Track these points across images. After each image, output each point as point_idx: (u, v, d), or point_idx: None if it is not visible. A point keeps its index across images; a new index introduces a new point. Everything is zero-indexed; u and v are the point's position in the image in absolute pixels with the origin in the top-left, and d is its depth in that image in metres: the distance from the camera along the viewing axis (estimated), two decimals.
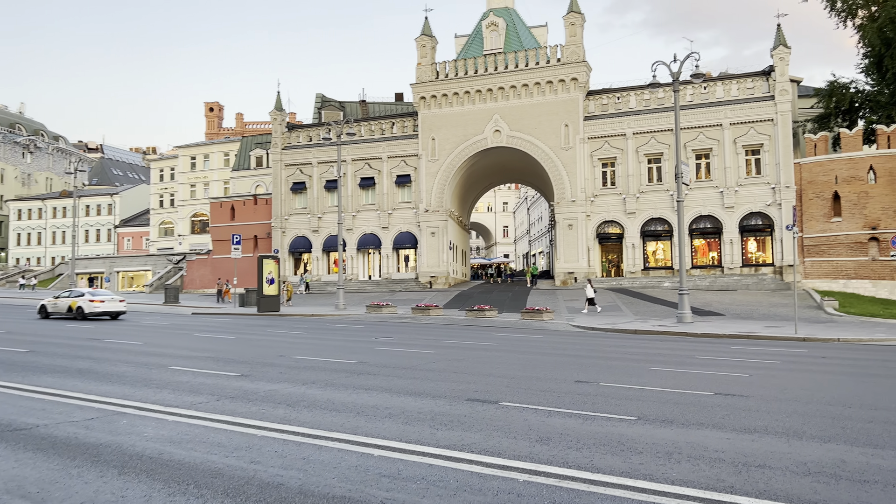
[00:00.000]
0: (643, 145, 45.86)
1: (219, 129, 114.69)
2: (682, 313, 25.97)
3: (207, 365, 13.89)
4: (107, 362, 14.05)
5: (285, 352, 16.63)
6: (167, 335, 21.29)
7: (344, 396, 10.19)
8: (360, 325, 26.09)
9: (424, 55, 50.84)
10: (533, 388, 11.25)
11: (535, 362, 15.05)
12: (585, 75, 47.15)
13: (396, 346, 18.60)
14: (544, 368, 13.90)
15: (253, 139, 67.09)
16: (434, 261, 50.22)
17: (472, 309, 29.79)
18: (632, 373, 13.38)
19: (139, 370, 12.91)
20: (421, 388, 11.02)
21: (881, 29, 38.77)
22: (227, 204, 57.63)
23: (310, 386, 11.19)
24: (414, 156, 51.43)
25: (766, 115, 43.23)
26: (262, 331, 23.66)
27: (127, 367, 13.26)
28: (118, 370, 12.89)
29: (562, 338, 21.71)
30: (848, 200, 40.48)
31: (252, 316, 32.21)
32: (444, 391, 10.77)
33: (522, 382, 11.84)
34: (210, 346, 18.12)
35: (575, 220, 46.72)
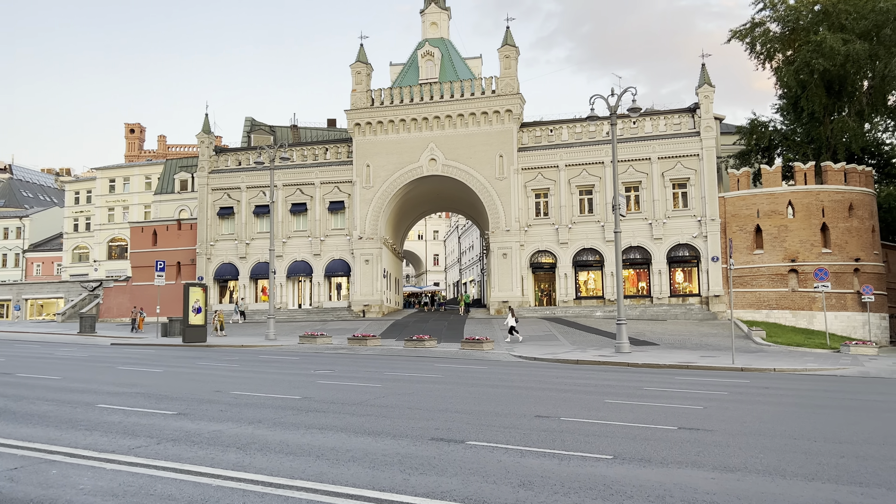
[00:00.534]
0: (575, 177, 46.67)
1: (139, 151, 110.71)
2: (620, 343, 26.14)
3: (139, 402, 12.81)
4: (24, 400, 12.77)
5: (221, 386, 15.62)
6: (88, 368, 19.78)
7: (298, 437, 9.46)
8: (296, 357, 25.07)
9: (360, 82, 50.47)
10: (495, 424, 10.80)
11: (488, 396, 14.61)
12: (520, 107, 47.81)
13: (338, 379, 17.82)
14: (500, 402, 13.48)
15: (178, 162, 64.82)
16: (368, 289, 49.36)
17: (411, 339, 29.19)
18: (588, 406, 13.12)
19: (63, 409, 11.74)
20: (378, 427, 10.39)
21: (797, 72, 40.93)
22: (148, 228, 55.20)
23: (257, 426, 10.38)
24: (348, 182, 50.71)
25: (692, 151, 44.78)
26: (191, 363, 22.36)
27: (49, 406, 12.06)
28: (39, 409, 11.69)
29: (506, 369, 21.38)
30: (769, 234, 42.20)
31: (177, 347, 30.57)
32: (403, 429, 10.18)
33: (482, 418, 11.37)
34: (137, 380, 16.88)
35: (509, 250, 46.92)
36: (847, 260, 41.10)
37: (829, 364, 23.48)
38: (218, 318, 37.19)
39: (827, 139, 43.35)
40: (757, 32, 45.00)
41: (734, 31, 46.02)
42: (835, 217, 41.30)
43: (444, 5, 54.53)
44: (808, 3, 41.88)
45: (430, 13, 53.81)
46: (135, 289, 54.70)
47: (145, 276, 54.31)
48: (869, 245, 41.96)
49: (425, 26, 54.08)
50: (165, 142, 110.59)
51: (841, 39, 39.34)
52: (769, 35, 43.94)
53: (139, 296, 54.21)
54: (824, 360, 24.89)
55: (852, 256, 41.18)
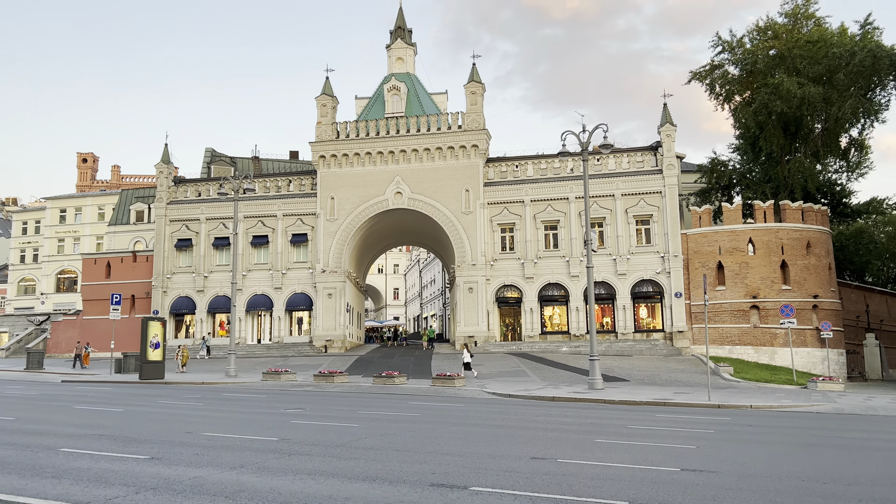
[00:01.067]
0: (540, 212, 46.86)
1: (92, 181, 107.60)
2: (593, 379, 25.89)
3: (105, 445, 11.92)
4: None
5: (190, 427, 14.74)
6: (42, 408, 18.58)
7: (288, 484, 8.80)
8: (261, 395, 24.09)
9: (325, 114, 50.13)
10: (492, 467, 10.29)
11: (474, 436, 14.07)
12: (485, 143, 48.02)
13: (312, 418, 17.05)
14: (489, 443, 12.96)
15: (134, 192, 63.15)
16: (330, 324, 48.36)
17: (380, 375, 28.44)
18: (580, 446, 12.70)
19: (23, 454, 10.81)
20: (371, 471, 9.78)
21: (756, 113, 42.09)
22: (102, 260, 53.33)
23: (241, 471, 9.67)
24: (311, 214, 49.98)
25: (654, 188, 45.45)
26: (153, 401, 21.25)
27: (6, 451, 11.09)
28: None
29: (484, 406, 20.86)
30: (731, 270, 42.85)
31: (134, 384, 29.19)
32: (398, 474, 9.59)
33: (477, 461, 10.85)
34: (98, 420, 15.85)
35: (475, 284, 46.64)
36: (806, 296, 41.92)
37: (801, 401, 23.58)
38: (182, 354, 35.77)
39: (784, 178, 44.54)
40: (716, 74, 46.32)
41: (694, 72, 47.30)
42: (794, 254, 42.21)
43: (410, 41, 54.87)
44: (765, 48, 43.34)
45: (396, 48, 54.05)
46: (85, 323, 52.58)
47: (97, 310, 52.32)
48: (826, 282, 42.94)
49: (391, 61, 54.25)
50: (119, 172, 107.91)
51: (797, 83, 40.67)
52: (728, 77, 45.26)
53: (90, 330, 52.09)
54: (796, 397, 25.02)
55: (811, 293, 42.03)
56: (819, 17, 45.37)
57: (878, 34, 43.62)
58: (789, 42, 42.42)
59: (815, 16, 45.63)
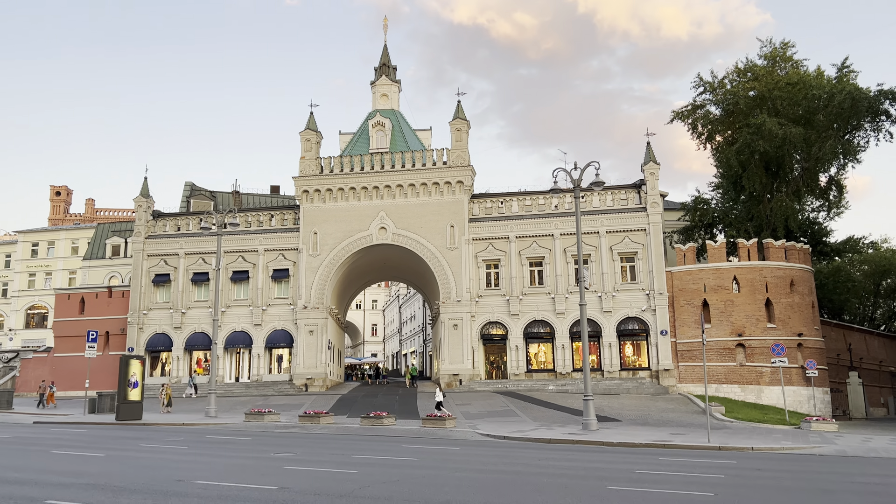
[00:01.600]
0: (525, 248, 46.65)
1: (65, 214, 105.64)
2: (587, 420, 25.33)
3: (94, 496, 11.13)
4: None
5: (180, 474, 13.93)
6: (17, 453, 17.56)
7: None
8: (247, 437, 23.17)
9: (309, 149, 49.77)
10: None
11: (481, 483, 13.47)
12: (471, 179, 47.93)
13: (306, 464, 16.30)
14: (500, 492, 12.38)
15: (110, 227, 61.90)
16: (311, 361, 47.31)
17: (368, 416, 27.61)
18: (597, 495, 12.17)
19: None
20: None
21: (738, 152, 42.58)
22: (76, 296, 51.86)
23: None
24: (293, 249, 49.23)
25: (639, 225, 45.54)
26: (134, 445, 20.27)
27: None
28: None
29: (482, 450, 20.21)
30: (716, 308, 42.85)
31: (111, 426, 28.00)
32: None
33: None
34: (80, 467, 14.95)
35: (460, 321, 46.06)
36: (791, 335, 41.98)
37: (801, 442, 23.26)
38: (166, 393, 34.54)
39: (766, 217, 44.97)
40: (698, 114, 46.94)
41: (676, 112, 47.92)
42: (778, 292, 42.38)
43: (395, 78, 55.06)
44: (745, 88, 44.09)
45: (381, 85, 54.15)
46: (56, 360, 50.87)
47: (69, 347, 50.71)
48: (810, 320, 43.12)
49: (376, 97, 54.29)
50: (94, 205, 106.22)
51: (778, 123, 41.31)
52: (709, 117, 45.88)
53: (61, 368, 50.42)
54: (794, 438, 24.70)
55: (796, 331, 42.13)
56: (797, 60, 46.42)
57: (853, 77, 44.66)
58: (769, 83, 43.21)
59: (792, 58, 46.66)
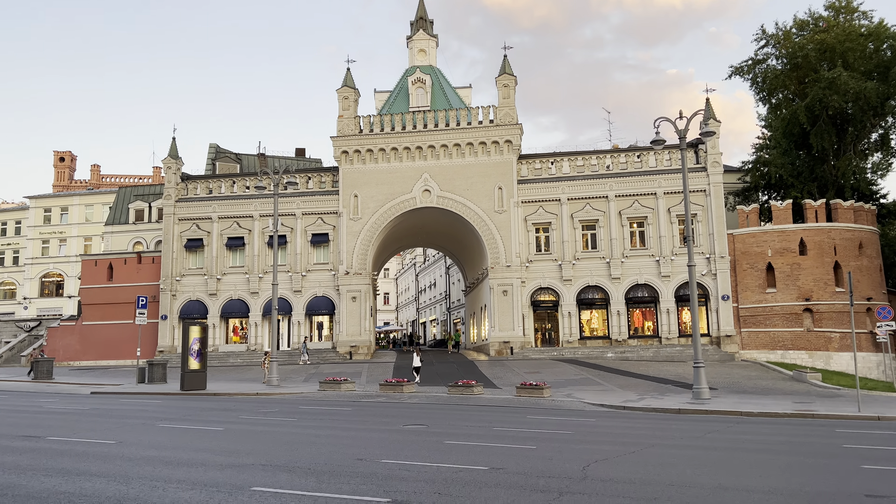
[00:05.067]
0: (578, 211, 44.67)
1: (70, 181, 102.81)
2: (700, 388, 23.60)
3: (290, 480, 9.24)
4: (119, 480, 8.92)
5: (351, 451, 12.05)
6: (124, 428, 15.62)
7: None
8: (346, 408, 21.32)
9: (347, 107, 47.34)
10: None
11: (699, 462, 11.68)
12: (519, 138, 45.70)
13: (455, 437, 14.48)
14: (730, 471, 10.58)
15: (132, 190, 59.40)
16: (355, 329, 45.50)
17: (457, 385, 25.84)
18: (856, 474, 10.39)
19: (206, 495, 8.07)
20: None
21: (808, 108, 40.45)
22: (103, 262, 49.63)
23: None
24: (332, 213, 47.08)
25: (698, 186, 43.56)
26: (235, 417, 18.39)
27: (190, 494, 8.33)
28: (168, 500, 7.97)
29: (620, 421, 18.47)
30: (781, 272, 41.15)
31: (180, 396, 26.11)
32: None
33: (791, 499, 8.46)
34: (219, 443, 13.05)
35: (510, 287, 44.21)
36: (859, 299, 40.26)
37: None
38: (267, 360, 32.60)
39: (833, 177, 43.05)
40: (759, 70, 44.68)
41: (736, 67, 45.65)
42: (846, 255, 40.69)
43: (432, 32, 52.41)
44: (814, 41, 41.78)
45: (419, 40, 51.50)
46: (85, 329, 48.84)
47: (98, 315, 48.71)
48: (878, 284, 41.55)
49: (412, 53, 51.69)
50: (99, 172, 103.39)
51: (852, 77, 39.18)
52: (773, 71, 43.62)
53: (90, 336, 48.46)
54: None
55: (864, 296, 40.49)
56: (863, 11, 44.06)
57: None
58: (840, 35, 40.93)
59: (857, 9, 44.30)
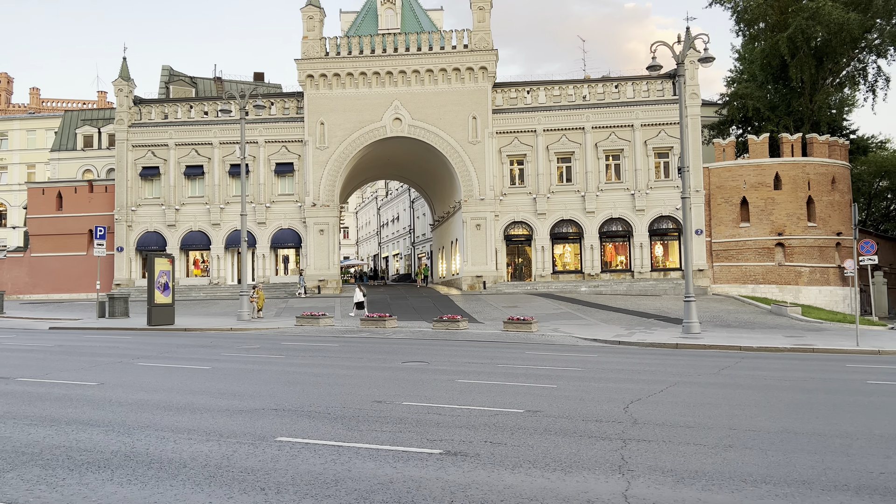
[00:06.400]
0: (554, 143, 43.51)
1: (8, 105, 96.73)
2: (690, 323, 23.20)
3: (311, 427, 8.15)
4: (117, 430, 7.71)
5: (362, 392, 11.01)
6: (100, 367, 14.22)
7: None
8: (333, 344, 20.22)
9: (312, 28, 44.59)
10: None
11: (737, 401, 11.02)
12: (494, 65, 43.89)
13: (465, 375, 13.56)
14: (782, 412, 9.93)
15: (79, 115, 55.70)
16: (323, 262, 44.12)
17: (441, 320, 24.93)
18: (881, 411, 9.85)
19: (227, 448, 6.93)
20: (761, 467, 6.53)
21: (790, 39, 39.59)
22: (51, 190, 46.69)
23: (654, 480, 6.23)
24: (298, 141, 44.93)
25: (675, 118, 42.74)
26: (216, 354, 17.15)
27: (197, 446, 7.16)
28: (180, 453, 6.81)
29: (621, 357, 17.85)
30: (756, 206, 41.04)
31: (149, 331, 24.59)
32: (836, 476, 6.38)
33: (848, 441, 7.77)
34: (212, 383, 11.84)
35: (483, 220, 43.21)
36: (830, 234, 40.74)
37: None
38: (258, 296, 30.89)
39: (810, 111, 42.68)
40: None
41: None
42: (819, 190, 40.74)
43: None
44: None
45: None
46: (34, 261, 46.27)
47: (47, 247, 46.15)
48: (848, 219, 41.78)
49: None
50: (39, 95, 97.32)
51: (837, 6, 38.32)
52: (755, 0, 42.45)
53: (40, 269, 45.98)
54: None
55: (834, 230, 40.89)
56: None
57: None
58: None
59: None
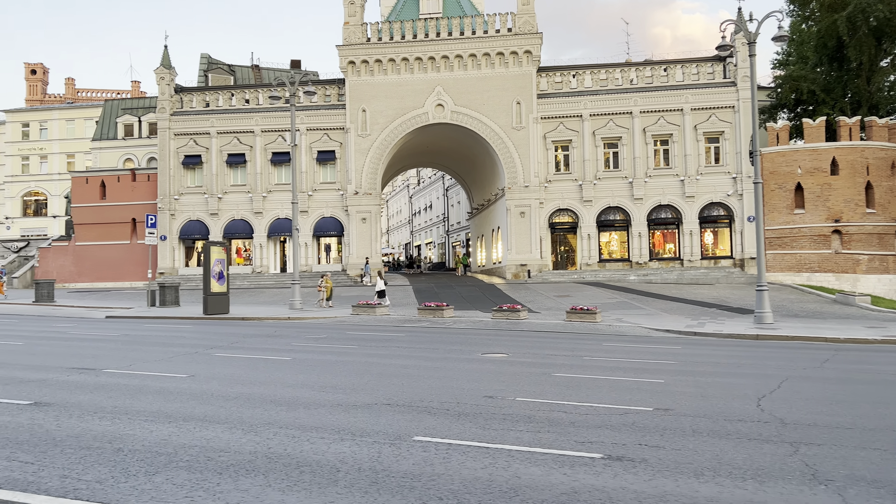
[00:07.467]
0: (600, 128, 42.56)
1: (44, 95, 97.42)
2: (762, 313, 22.34)
3: (432, 426, 7.58)
4: (241, 428, 7.21)
5: (457, 384, 10.45)
6: (180, 358, 13.82)
7: None
8: (399, 334, 19.74)
9: (353, 13, 44.02)
10: None
11: (874, 398, 10.28)
12: (539, 48, 42.98)
13: (553, 367, 12.95)
14: None
15: (119, 104, 55.83)
16: (365, 251, 43.73)
17: (501, 309, 24.33)
18: None
19: (367, 448, 6.39)
20: None
21: (850, 18, 38.15)
22: (94, 179, 46.80)
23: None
24: (339, 129, 44.49)
25: (727, 102, 41.65)
26: (288, 344, 16.73)
27: (334, 446, 6.64)
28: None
29: (701, 349, 17.12)
30: (811, 192, 39.76)
31: (207, 320, 24.36)
32: None
33: None
34: (310, 377, 11.37)
35: (527, 208, 42.47)
36: (890, 220, 39.36)
37: None
38: (326, 285, 30.39)
39: (868, 93, 41.20)
40: None
41: None
42: (878, 175, 39.34)
43: None
44: None
45: None
46: (79, 249, 46.47)
47: (91, 236, 46.29)
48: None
49: None
50: (74, 85, 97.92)
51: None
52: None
53: (85, 258, 46.20)
54: None
55: (894, 217, 39.48)
56: None
57: None
58: None
59: None
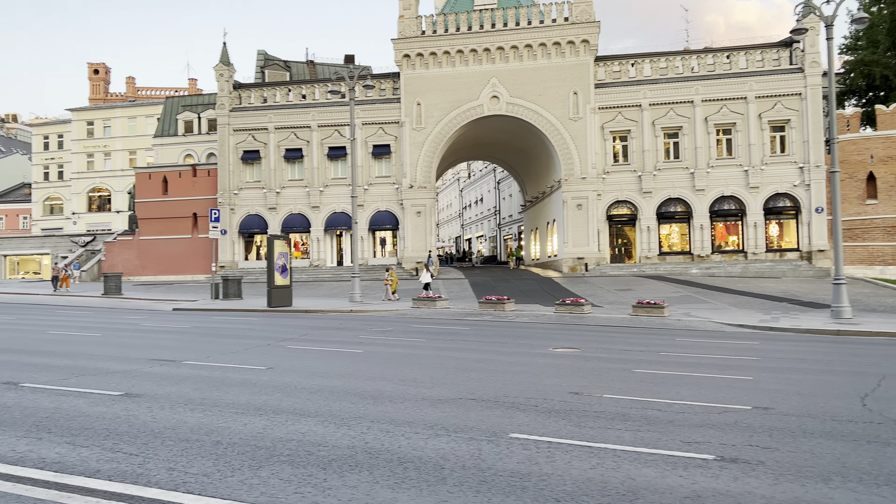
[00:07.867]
0: (660, 118, 41.60)
1: (105, 94, 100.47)
2: (840, 307, 21.39)
3: (524, 422, 7.35)
4: (334, 422, 7.10)
5: (537, 380, 10.20)
6: (254, 350, 13.92)
7: None
8: (464, 327, 19.59)
9: (408, 6, 43.95)
10: None
11: None
12: (596, 37, 42.19)
13: (635, 363, 12.59)
14: None
15: (179, 101, 57.05)
16: (420, 244, 43.78)
17: (565, 303, 23.95)
18: None
19: (465, 445, 6.20)
20: None
21: None
22: (157, 175, 47.97)
23: None
24: (394, 123, 44.55)
25: (793, 90, 40.18)
26: (354, 337, 16.73)
27: (432, 442, 6.48)
28: None
29: (780, 344, 16.50)
30: (884, 182, 38.20)
31: (271, 313, 24.67)
32: None
33: None
34: (386, 369, 11.29)
35: (585, 200, 41.82)
36: None
37: None
38: (392, 279, 30.60)
39: None
40: None
41: None
42: None
43: None
44: None
45: None
46: (142, 243, 47.74)
47: (154, 230, 47.48)
48: None
49: None
50: (134, 84, 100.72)
51: None
52: None
53: (149, 252, 47.42)
54: None
55: None
56: None
57: None
58: None
59: None
